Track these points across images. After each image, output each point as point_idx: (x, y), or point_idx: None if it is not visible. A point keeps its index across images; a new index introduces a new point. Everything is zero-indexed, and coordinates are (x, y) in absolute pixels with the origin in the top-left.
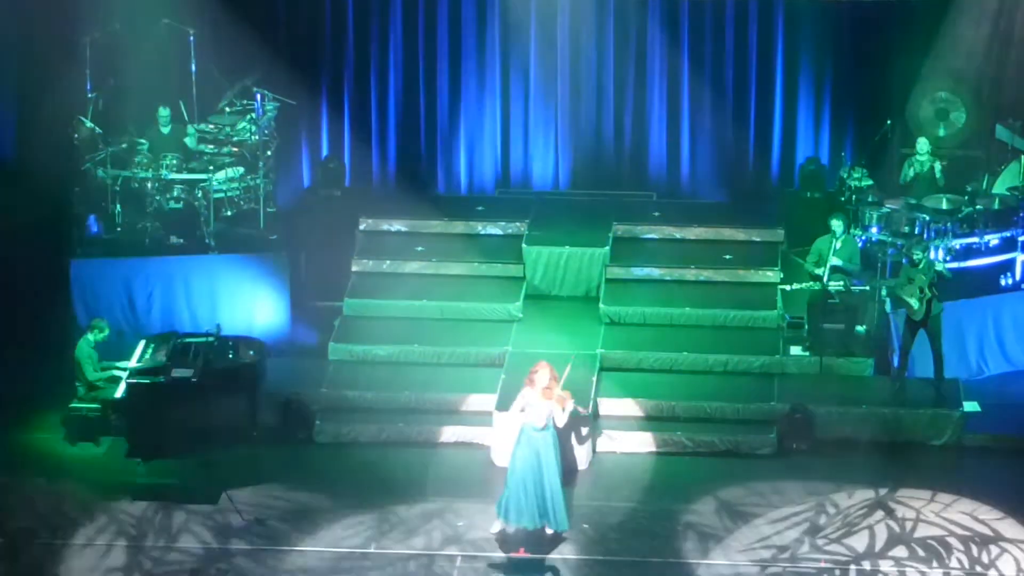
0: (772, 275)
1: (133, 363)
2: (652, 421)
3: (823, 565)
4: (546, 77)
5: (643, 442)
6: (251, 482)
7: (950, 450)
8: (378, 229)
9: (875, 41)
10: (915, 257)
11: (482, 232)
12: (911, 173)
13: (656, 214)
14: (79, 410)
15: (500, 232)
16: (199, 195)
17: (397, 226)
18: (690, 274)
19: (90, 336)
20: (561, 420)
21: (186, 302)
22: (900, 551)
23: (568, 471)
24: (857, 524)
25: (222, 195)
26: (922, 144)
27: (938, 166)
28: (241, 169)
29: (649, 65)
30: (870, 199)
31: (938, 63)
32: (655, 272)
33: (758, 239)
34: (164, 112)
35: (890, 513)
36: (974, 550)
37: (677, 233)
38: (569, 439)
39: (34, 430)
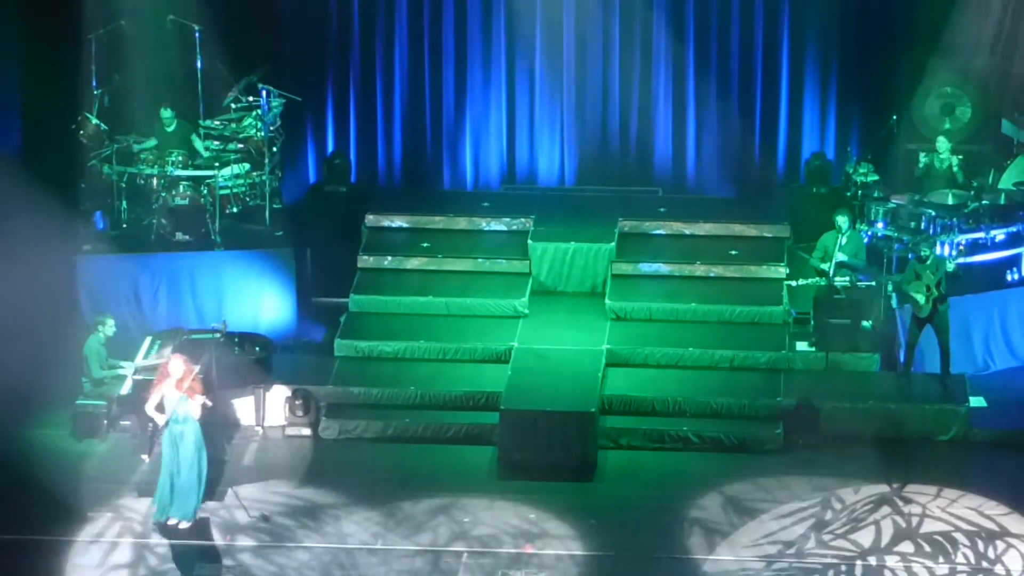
0: (778, 271)
1: (139, 359)
2: (658, 417)
3: (829, 561)
4: (552, 73)
5: (649, 437)
6: (257, 478)
7: (956, 445)
8: (384, 225)
9: (881, 36)
10: (923, 254)
11: (487, 228)
12: (923, 162)
13: (662, 210)
14: (85, 406)
15: (505, 228)
16: (205, 191)
17: (403, 222)
18: (696, 270)
19: (100, 333)
20: (195, 412)
21: (192, 298)
22: (906, 546)
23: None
24: (863, 519)
25: (228, 191)
26: (942, 143)
27: (955, 160)
28: (247, 165)
29: (655, 61)
30: (876, 194)
31: (944, 58)
32: (661, 268)
33: (764, 235)
34: (166, 113)
35: (897, 508)
36: (980, 545)
37: (683, 229)
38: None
39: (40, 426)
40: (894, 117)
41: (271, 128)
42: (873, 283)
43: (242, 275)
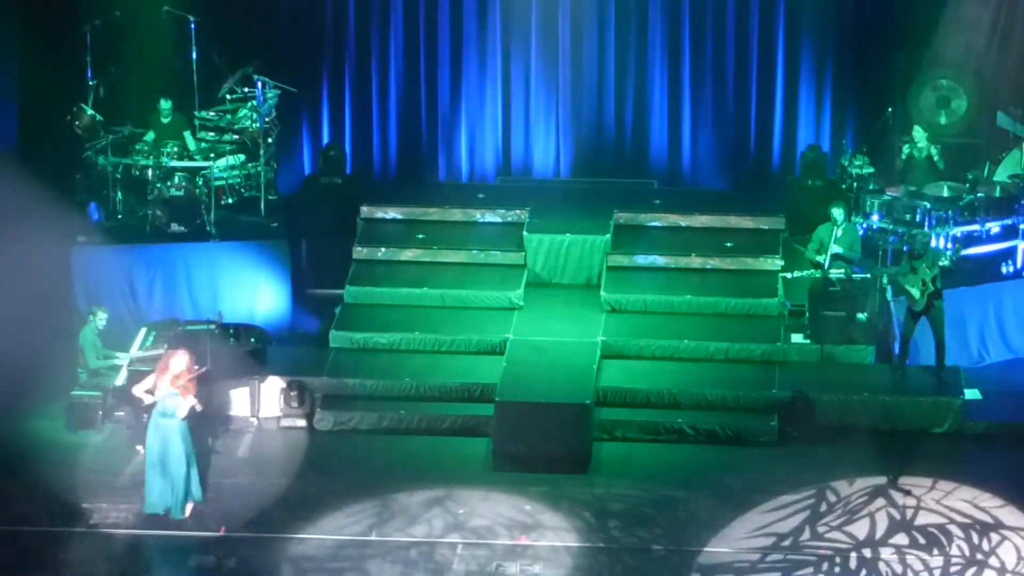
0: (773, 263)
1: (134, 351)
2: (653, 409)
3: (824, 553)
4: (547, 64)
5: (644, 429)
6: (252, 470)
7: (951, 438)
8: (379, 217)
9: (876, 28)
10: (918, 250)
11: (482, 220)
12: (905, 153)
13: (657, 202)
14: (80, 397)
15: (501, 220)
16: (200, 183)
17: (398, 214)
18: (691, 262)
19: (94, 324)
20: (181, 411)
21: (187, 290)
22: (901, 538)
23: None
24: (858, 512)
25: (223, 183)
26: (918, 132)
27: (935, 150)
28: (242, 157)
29: (650, 52)
30: (871, 187)
31: (939, 51)
32: (656, 260)
33: (759, 227)
34: (165, 104)
35: (892, 500)
36: (975, 538)
37: (678, 221)
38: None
39: (35, 417)
40: (889, 109)
41: (266, 119)
42: (868, 275)
43: (237, 266)
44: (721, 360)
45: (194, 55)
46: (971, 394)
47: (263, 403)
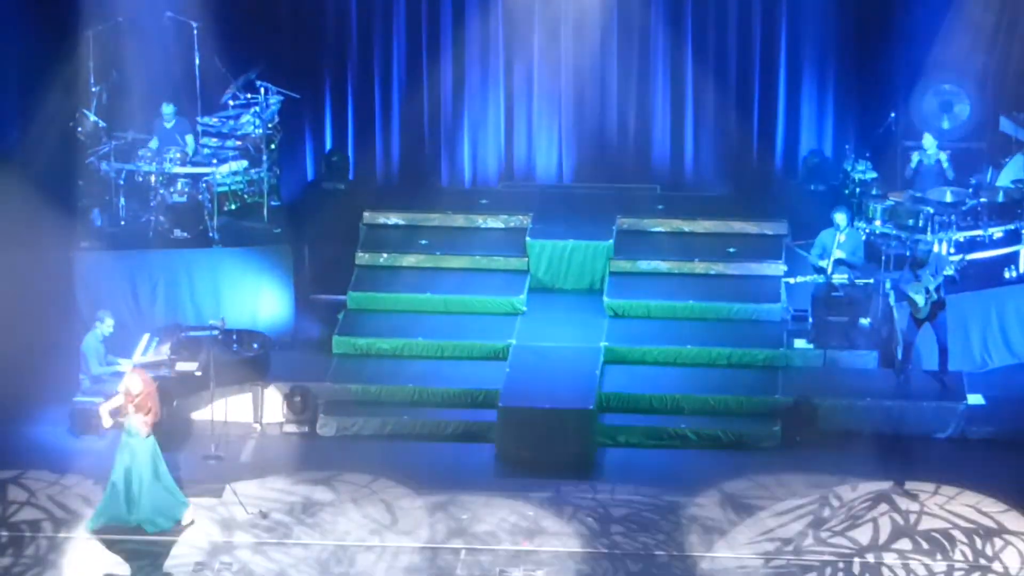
0: (776, 268)
1: (137, 356)
2: (656, 414)
3: (827, 558)
4: (550, 69)
5: (647, 435)
6: (255, 475)
7: (954, 443)
8: (382, 222)
9: (879, 33)
10: (919, 257)
11: (485, 225)
12: (915, 161)
13: (660, 207)
14: (83, 403)
15: (503, 225)
16: (203, 189)
17: (400, 219)
18: (694, 267)
19: (98, 331)
20: (141, 430)
21: (190, 295)
22: (904, 544)
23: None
24: (861, 517)
25: (226, 189)
26: (928, 140)
27: (944, 157)
28: (245, 163)
29: (653, 57)
30: (874, 192)
31: (942, 55)
32: (659, 265)
33: (762, 232)
34: (168, 109)
35: (895, 506)
36: (978, 543)
37: (681, 226)
38: None
39: (38, 422)
40: (892, 114)
41: (269, 125)
42: (871, 281)
43: (240, 272)
44: (724, 365)
45: (196, 61)
46: (974, 399)
47: (266, 409)
